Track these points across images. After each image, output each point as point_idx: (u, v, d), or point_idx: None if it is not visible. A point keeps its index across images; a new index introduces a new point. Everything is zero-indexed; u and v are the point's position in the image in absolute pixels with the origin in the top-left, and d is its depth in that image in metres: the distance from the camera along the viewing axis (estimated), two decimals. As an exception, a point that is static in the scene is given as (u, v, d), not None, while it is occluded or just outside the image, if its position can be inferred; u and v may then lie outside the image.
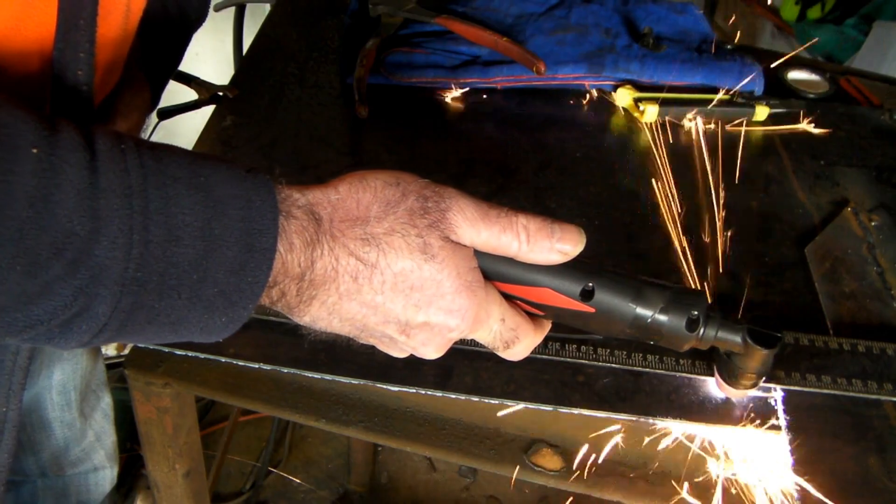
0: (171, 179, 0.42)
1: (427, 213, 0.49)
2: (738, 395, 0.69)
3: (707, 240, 0.83)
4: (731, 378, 0.66)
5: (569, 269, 0.54)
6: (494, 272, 0.54)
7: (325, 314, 0.49)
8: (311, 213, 0.47)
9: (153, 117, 1.01)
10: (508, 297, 0.55)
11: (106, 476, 1.22)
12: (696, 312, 0.55)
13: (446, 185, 0.51)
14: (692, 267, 0.80)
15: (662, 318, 0.54)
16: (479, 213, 0.51)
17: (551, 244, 0.51)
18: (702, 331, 0.56)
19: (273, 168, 0.48)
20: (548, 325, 0.59)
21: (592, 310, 0.54)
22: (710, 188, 0.90)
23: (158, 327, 0.44)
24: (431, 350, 0.53)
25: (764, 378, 0.66)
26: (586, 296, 0.54)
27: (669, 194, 0.88)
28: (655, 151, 0.95)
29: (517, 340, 0.55)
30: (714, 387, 0.69)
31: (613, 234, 0.86)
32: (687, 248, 0.81)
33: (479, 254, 0.53)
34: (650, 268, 0.82)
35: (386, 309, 0.49)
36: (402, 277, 0.48)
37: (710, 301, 0.59)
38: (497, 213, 0.51)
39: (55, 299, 0.39)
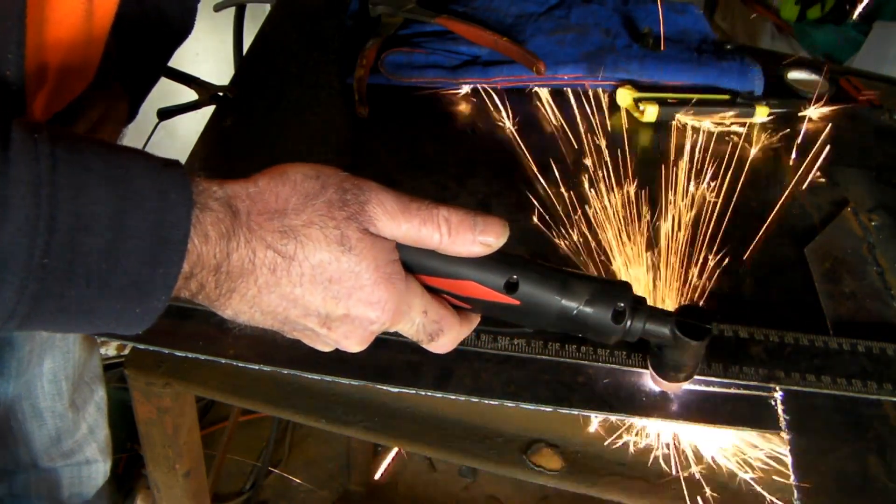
0: (82, 170, 0.42)
1: (346, 206, 0.49)
2: (672, 388, 0.68)
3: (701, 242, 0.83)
4: (663, 371, 0.66)
5: (493, 261, 0.54)
6: (419, 265, 0.54)
7: (246, 307, 0.49)
8: (229, 205, 0.47)
9: (156, 122, 1.02)
10: (434, 291, 0.55)
11: (99, 469, 1.22)
12: (622, 304, 0.55)
13: (366, 179, 0.52)
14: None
15: (588, 310, 0.54)
16: (399, 205, 0.51)
17: (473, 236, 0.52)
18: (628, 323, 0.56)
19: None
20: (476, 319, 0.59)
21: (517, 302, 0.54)
22: (708, 188, 0.90)
23: (72, 316, 0.44)
24: (354, 343, 0.53)
25: (697, 371, 0.66)
26: (510, 288, 0.54)
27: (667, 194, 0.88)
28: (655, 151, 0.95)
29: (442, 333, 0.55)
30: (718, 387, 0.69)
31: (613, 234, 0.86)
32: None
33: (402, 247, 0.53)
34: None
35: (305, 301, 0.50)
36: (321, 269, 0.49)
37: (642, 294, 0.59)
38: (418, 205, 0.51)
39: None
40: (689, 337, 0.59)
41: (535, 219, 0.84)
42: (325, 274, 0.49)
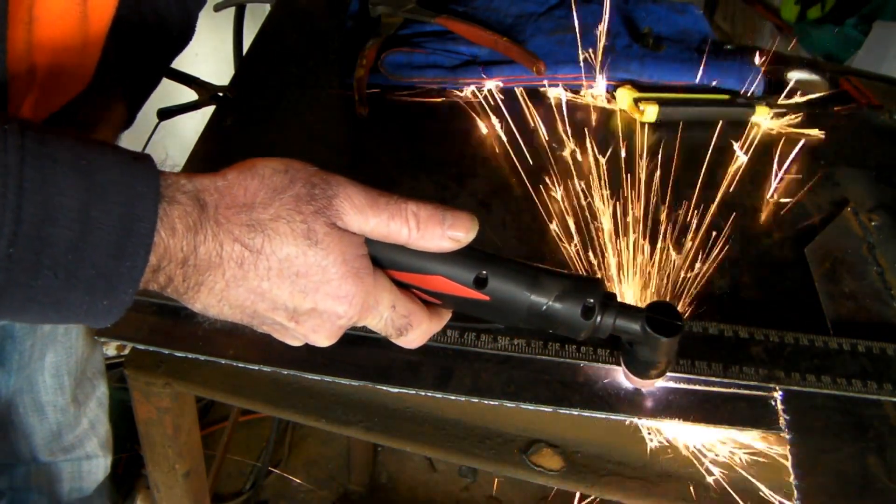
0: (50, 161, 0.43)
1: (313, 200, 0.50)
2: (645, 385, 0.68)
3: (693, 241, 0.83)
4: (635, 368, 0.66)
5: (462, 256, 0.54)
6: (388, 260, 0.54)
7: (214, 301, 0.50)
8: (197, 199, 0.47)
9: (156, 122, 1.02)
10: (403, 286, 0.55)
11: (99, 465, 1.22)
12: (591, 300, 0.55)
13: (336, 174, 0.52)
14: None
15: (557, 305, 0.54)
16: (368, 200, 0.51)
17: (442, 231, 0.52)
18: (598, 319, 0.56)
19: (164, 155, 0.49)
20: (447, 315, 0.60)
21: (487, 298, 0.54)
22: (707, 188, 0.90)
23: (41, 307, 0.45)
24: (322, 337, 0.53)
25: (670, 368, 0.66)
26: (480, 283, 0.54)
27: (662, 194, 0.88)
28: (655, 151, 0.95)
29: (410, 328, 0.56)
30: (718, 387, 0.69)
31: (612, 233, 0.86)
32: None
33: (371, 242, 0.53)
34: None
35: (273, 295, 0.50)
36: (288, 263, 0.49)
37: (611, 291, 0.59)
38: (386, 200, 0.52)
39: None
40: (659, 333, 0.59)
41: (535, 219, 0.85)
42: (293, 268, 0.49)
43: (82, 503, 1.22)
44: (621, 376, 0.69)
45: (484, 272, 0.54)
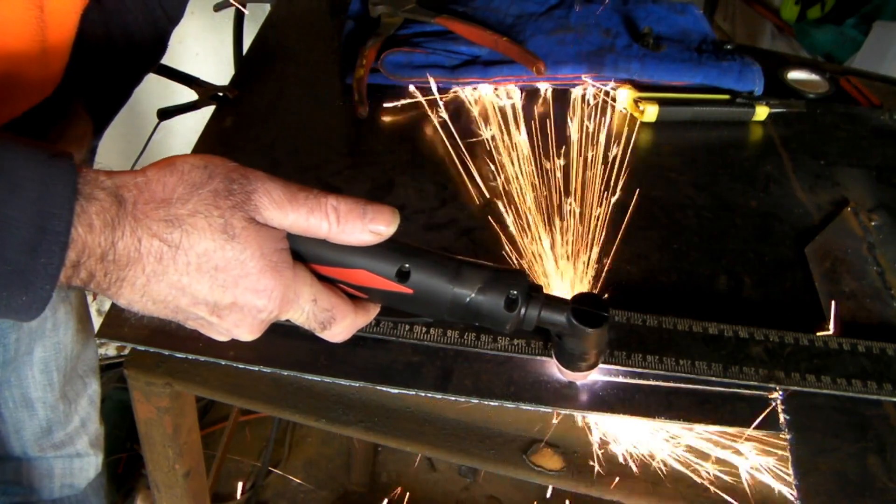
0: None
1: (231, 195, 0.50)
2: (577, 378, 0.68)
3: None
4: (565, 360, 0.65)
5: (385, 250, 0.54)
6: (311, 255, 0.54)
7: (137, 297, 0.50)
8: (116, 195, 0.48)
9: (156, 122, 1.02)
10: (328, 280, 0.55)
11: (90, 463, 1.23)
12: (514, 292, 0.55)
13: (255, 170, 0.52)
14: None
15: (481, 298, 0.55)
16: (287, 195, 0.52)
17: (363, 225, 0.52)
18: (523, 311, 0.56)
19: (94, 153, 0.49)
20: (374, 309, 0.60)
21: (411, 291, 0.55)
22: (706, 188, 0.91)
23: None
24: (245, 331, 0.54)
25: (602, 360, 0.65)
26: (402, 276, 0.54)
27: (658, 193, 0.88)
28: (655, 151, 0.95)
29: (334, 321, 0.56)
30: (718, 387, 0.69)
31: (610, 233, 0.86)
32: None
33: (294, 237, 0.53)
34: (651, 269, 0.82)
35: (193, 290, 0.50)
36: (206, 258, 0.49)
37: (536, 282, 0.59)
38: (305, 195, 0.52)
39: None
40: (585, 325, 0.59)
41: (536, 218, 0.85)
42: (211, 262, 0.50)
43: (75, 500, 1.23)
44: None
45: (406, 265, 0.54)
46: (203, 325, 0.54)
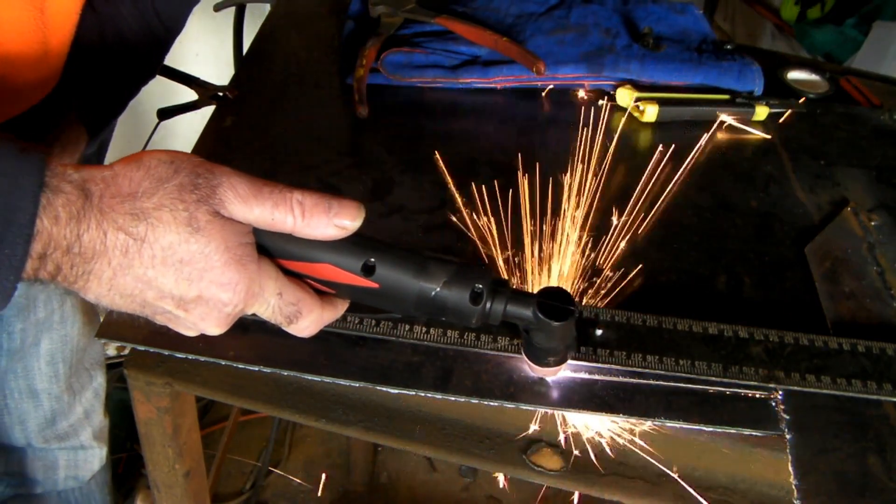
0: None
1: (196, 189, 0.50)
2: (546, 373, 0.68)
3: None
4: (534, 356, 0.65)
5: (350, 244, 0.55)
6: (277, 249, 0.55)
7: (104, 290, 0.50)
8: (83, 188, 0.48)
9: (156, 122, 1.02)
10: (295, 275, 0.56)
11: (95, 455, 1.23)
12: (479, 286, 0.56)
13: (221, 164, 0.53)
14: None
15: (446, 292, 0.55)
16: (252, 189, 0.52)
17: (328, 219, 0.53)
18: (488, 305, 0.57)
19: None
20: (343, 304, 0.60)
21: (376, 285, 0.55)
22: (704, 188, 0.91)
23: None
24: (211, 325, 0.54)
25: (570, 355, 0.65)
26: (368, 271, 0.55)
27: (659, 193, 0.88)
28: (654, 151, 0.95)
29: (300, 315, 0.56)
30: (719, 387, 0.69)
31: (611, 233, 0.86)
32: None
33: (260, 231, 0.54)
34: (648, 266, 0.82)
35: (159, 283, 0.51)
36: (171, 251, 0.50)
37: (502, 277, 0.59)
38: (270, 189, 0.52)
39: None
40: (551, 319, 0.59)
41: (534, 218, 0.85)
42: (176, 255, 0.50)
43: (79, 492, 1.23)
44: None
45: (372, 259, 0.55)
46: (171, 319, 0.55)
